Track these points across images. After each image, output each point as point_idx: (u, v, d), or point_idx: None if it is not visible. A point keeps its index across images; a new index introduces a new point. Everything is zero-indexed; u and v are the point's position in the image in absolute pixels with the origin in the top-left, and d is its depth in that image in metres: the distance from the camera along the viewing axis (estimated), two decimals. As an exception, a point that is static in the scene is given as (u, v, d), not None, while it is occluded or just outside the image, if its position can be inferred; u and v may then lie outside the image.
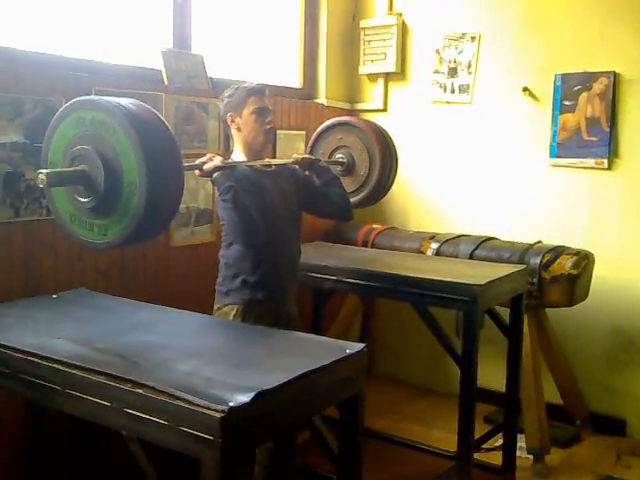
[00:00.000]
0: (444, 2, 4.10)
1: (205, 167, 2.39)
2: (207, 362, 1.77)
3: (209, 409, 1.47)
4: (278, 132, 3.79)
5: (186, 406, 1.50)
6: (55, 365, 1.75)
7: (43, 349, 1.82)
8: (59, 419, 2.23)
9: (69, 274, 2.78)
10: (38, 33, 2.81)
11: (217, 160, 2.41)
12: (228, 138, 3.44)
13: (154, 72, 3.23)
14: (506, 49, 3.90)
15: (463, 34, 4.03)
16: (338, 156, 3.20)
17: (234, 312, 2.53)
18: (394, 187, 4.27)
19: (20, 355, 1.83)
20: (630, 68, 3.53)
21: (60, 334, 1.95)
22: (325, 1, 4.23)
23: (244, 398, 1.49)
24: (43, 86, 2.65)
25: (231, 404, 1.46)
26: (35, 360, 1.79)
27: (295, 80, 4.22)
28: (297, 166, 2.77)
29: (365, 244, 3.89)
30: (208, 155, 2.44)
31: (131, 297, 2.51)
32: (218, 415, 1.45)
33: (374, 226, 4.01)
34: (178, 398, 1.52)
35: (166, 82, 3.22)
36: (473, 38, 3.99)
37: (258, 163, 2.61)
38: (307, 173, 2.80)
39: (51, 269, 2.72)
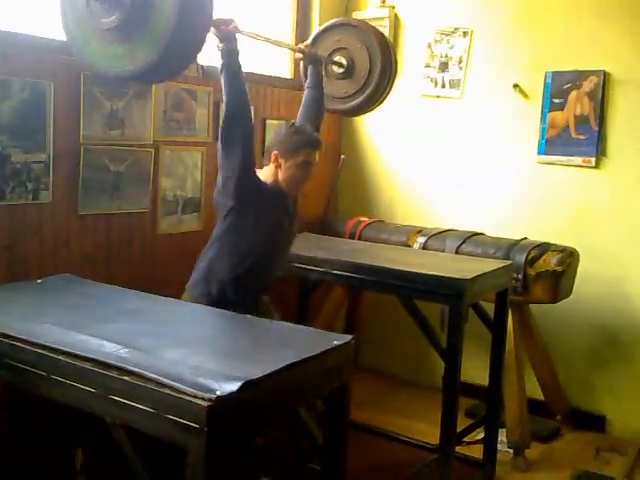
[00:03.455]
0: (437, -4, 4.10)
1: (223, 28, 2.28)
2: (194, 351, 1.76)
3: (196, 397, 1.46)
4: (268, 122, 3.78)
5: (173, 394, 1.50)
6: (40, 350, 1.74)
7: (29, 334, 1.80)
8: (42, 405, 2.21)
9: (54, 259, 2.75)
10: (27, 15, 2.76)
11: (233, 26, 2.31)
12: (218, 126, 3.44)
13: (144, 57, 3.20)
14: (497, 45, 3.90)
15: (455, 29, 4.03)
16: (338, 58, 3.13)
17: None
18: (382, 180, 4.33)
19: (5, 340, 1.81)
20: (620, 68, 3.55)
21: (46, 320, 1.93)
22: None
23: (231, 387, 1.48)
24: (31, 68, 2.62)
25: (218, 393, 1.46)
26: (20, 345, 1.78)
27: (286, 70, 4.20)
28: (300, 54, 2.85)
29: (352, 236, 3.89)
30: (227, 18, 2.32)
31: (116, 283, 2.49)
32: (205, 404, 1.44)
33: (361, 219, 4.01)
34: (165, 386, 1.52)
35: (156, 68, 3.19)
36: (465, 33, 4.00)
37: (265, 40, 2.67)
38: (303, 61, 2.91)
39: (36, 254, 2.70)
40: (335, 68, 3.13)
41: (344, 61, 3.12)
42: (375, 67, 3.07)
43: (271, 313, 2.62)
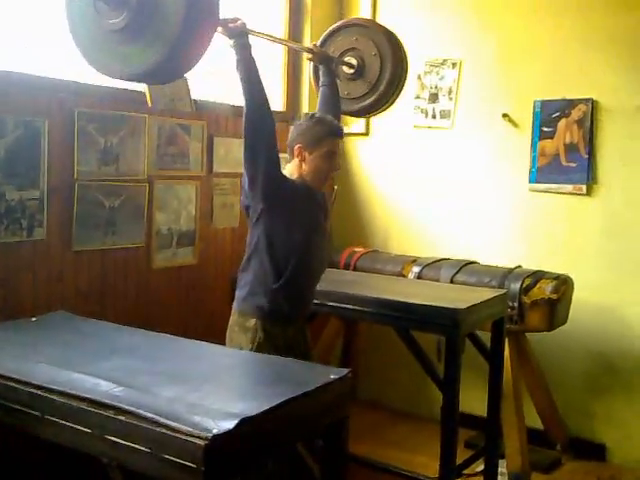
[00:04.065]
0: (426, 28, 4.15)
1: (231, 25, 2.28)
2: (190, 388, 1.75)
3: (192, 436, 1.45)
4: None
5: (169, 433, 1.48)
6: (34, 390, 1.72)
7: (22, 373, 1.79)
8: (36, 445, 2.18)
9: (48, 296, 2.74)
10: (21, 54, 2.79)
11: (240, 23, 2.30)
12: (211, 161, 3.47)
13: (137, 94, 3.22)
14: (486, 75, 3.95)
15: (444, 60, 4.08)
16: (348, 58, 3.09)
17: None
18: (376, 210, 4.35)
19: (-2, 380, 1.80)
20: (608, 95, 3.59)
21: (40, 358, 1.92)
22: (309, 24, 4.27)
23: (228, 425, 1.47)
24: (26, 107, 2.64)
25: (215, 431, 1.45)
26: (13, 385, 1.76)
27: (278, 103, 4.24)
28: (310, 55, 2.84)
29: (347, 267, 3.89)
30: (233, 16, 2.32)
31: (111, 319, 2.48)
32: (202, 443, 1.43)
33: (356, 249, 4.01)
34: (161, 425, 1.50)
35: (149, 104, 3.21)
36: (454, 64, 4.05)
37: (273, 39, 2.70)
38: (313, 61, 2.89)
39: (30, 291, 2.69)
40: (345, 69, 3.10)
41: (354, 61, 3.08)
42: (386, 65, 3.04)
43: (309, 346, 2.59)
